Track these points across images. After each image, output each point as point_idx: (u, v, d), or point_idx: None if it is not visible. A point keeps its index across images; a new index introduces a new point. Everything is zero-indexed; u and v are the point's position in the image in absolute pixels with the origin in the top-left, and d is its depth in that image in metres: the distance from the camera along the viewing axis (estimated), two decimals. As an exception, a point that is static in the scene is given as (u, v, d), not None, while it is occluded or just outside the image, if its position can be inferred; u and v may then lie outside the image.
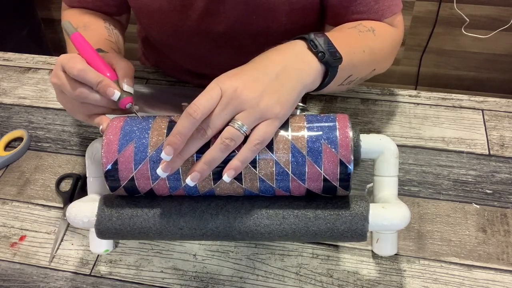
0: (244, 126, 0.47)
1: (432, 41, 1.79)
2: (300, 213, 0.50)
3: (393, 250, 0.56)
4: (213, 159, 0.47)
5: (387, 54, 0.69)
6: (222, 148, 0.47)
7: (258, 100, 0.47)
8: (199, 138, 0.47)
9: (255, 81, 0.48)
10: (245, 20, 0.72)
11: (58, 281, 0.62)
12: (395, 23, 0.70)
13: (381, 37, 0.66)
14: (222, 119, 0.47)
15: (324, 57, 0.52)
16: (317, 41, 0.53)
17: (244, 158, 0.47)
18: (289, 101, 0.50)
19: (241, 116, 0.47)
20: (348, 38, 0.62)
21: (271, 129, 0.48)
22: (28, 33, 1.85)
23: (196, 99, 0.47)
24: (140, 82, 0.89)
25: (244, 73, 0.50)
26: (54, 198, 0.71)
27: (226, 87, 0.47)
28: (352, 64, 0.59)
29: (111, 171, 0.50)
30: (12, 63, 0.95)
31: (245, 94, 0.47)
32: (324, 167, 0.48)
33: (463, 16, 1.69)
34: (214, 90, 0.47)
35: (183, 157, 0.48)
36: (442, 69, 1.89)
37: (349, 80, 0.63)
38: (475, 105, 0.82)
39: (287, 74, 0.51)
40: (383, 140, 0.54)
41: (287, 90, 0.50)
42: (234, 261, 0.63)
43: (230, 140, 0.47)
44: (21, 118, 0.84)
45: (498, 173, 0.71)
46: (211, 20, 0.73)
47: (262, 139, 0.47)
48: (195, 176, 0.47)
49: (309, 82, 0.52)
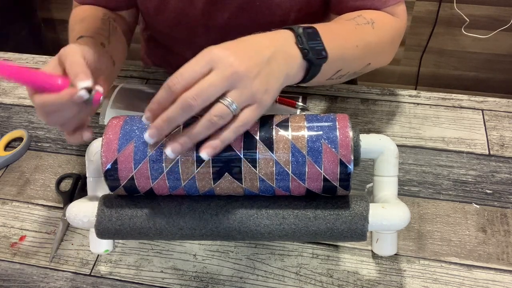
0: (234, 104, 0.45)
1: (432, 41, 1.79)
2: (300, 213, 0.50)
3: (393, 250, 0.56)
4: (198, 134, 0.46)
5: (386, 48, 0.68)
6: (209, 125, 0.45)
7: (252, 81, 0.46)
8: (188, 110, 0.45)
9: (250, 60, 0.47)
10: (249, 6, 0.72)
11: (58, 281, 0.62)
12: (398, 12, 0.69)
13: (381, 30, 0.65)
14: (217, 92, 0.45)
15: (308, 55, 0.52)
16: (304, 37, 0.52)
17: (226, 139, 0.46)
18: (275, 89, 0.49)
19: (233, 94, 0.45)
20: (342, 31, 0.61)
21: (255, 114, 0.47)
22: (28, 33, 1.85)
23: (184, 69, 0.45)
24: (141, 82, 0.89)
25: (238, 48, 0.48)
26: (54, 198, 0.71)
27: (220, 59, 0.46)
28: (342, 59, 0.59)
29: (111, 171, 0.50)
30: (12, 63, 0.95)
31: (242, 71, 0.46)
32: (324, 167, 0.48)
33: (463, 16, 1.69)
34: (204, 58, 0.46)
35: (171, 125, 0.46)
36: (442, 69, 1.89)
37: (340, 74, 0.62)
38: (475, 105, 0.82)
39: (276, 61, 0.49)
40: (383, 140, 0.54)
41: (276, 77, 0.49)
42: (234, 261, 0.63)
43: (219, 117, 0.45)
44: (21, 118, 0.84)
45: (498, 173, 0.71)
46: (215, 7, 0.73)
47: (247, 122, 0.46)
48: (175, 147, 0.46)
49: (292, 75, 0.52)
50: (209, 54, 0.46)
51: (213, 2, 0.73)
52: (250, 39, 0.50)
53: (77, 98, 0.49)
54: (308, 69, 0.53)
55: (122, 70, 0.91)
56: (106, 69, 0.59)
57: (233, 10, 0.73)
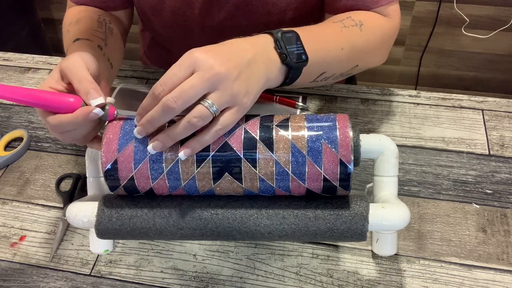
0: (214, 106, 0.46)
1: (432, 41, 1.79)
2: (300, 213, 0.50)
3: (393, 250, 0.56)
4: (177, 134, 0.47)
5: (375, 49, 0.68)
6: (189, 126, 0.46)
7: (233, 83, 0.47)
8: (169, 111, 0.46)
9: (230, 61, 0.48)
10: (245, 6, 0.72)
11: (58, 281, 0.62)
12: (390, 12, 0.69)
13: (369, 31, 0.65)
14: (197, 94, 0.46)
15: (286, 59, 0.53)
16: (282, 41, 0.53)
17: (205, 142, 0.47)
18: (255, 92, 0.50)
19: (213, 96, 0.46)
20: (326, 34, 0.62)
21: (235, 118, 0.48)
22: (28, 33, 1.85)
23: (167, 76, 0.47)
24: (140, 82, 0.89)
25: (219, 51, 0.49)
26: (54, 198, 0.71)
27: (201, 62, 0.46)
28: (326, 62, 0.59)
29: (111, 171, 0.50)
30: (12, 63, 0.95)
31: (222, 72, 0.46)
32: (324, 167, 0.48)
33: (463, 16, 1.69)
34: (186, 62, 0.47)
35: (154, 126, 0.48)
36: (442, 69, 1.89)
37: (325, 77, 0.62)
38: (475, 105, 0.82)
39: (256, 64, 0.50)
40: (383, 140, 0.54)
41: (256, 80, 0.50)
42: (234, 261, 0.63)
43: (198, 119, 0.46)
44: (21, 118, 0.84)
45: (498, 173, 0.71)
46: (212, 7, 0.73)
47: (225, 125, 0.47)
48: (157, 145, 0.48)
49: (272, 78, 0.53)
50: (190, 58, 0.47)
51: (210, 2, 0.73)
52: (231, 42, 0.51)
53: (93, 116, 0.50)
54: (288, 73, 0.54)
55: (122, 70, 0.91)
56: (105, 72, 0.59)
57: (229, 10, 0.73)
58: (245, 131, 0.49)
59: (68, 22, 0.71)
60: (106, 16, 0.74)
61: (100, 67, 0.56)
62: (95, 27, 0.68)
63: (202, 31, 0.78)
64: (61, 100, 0.50)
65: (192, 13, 0.75)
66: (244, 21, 0.74)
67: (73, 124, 0.50)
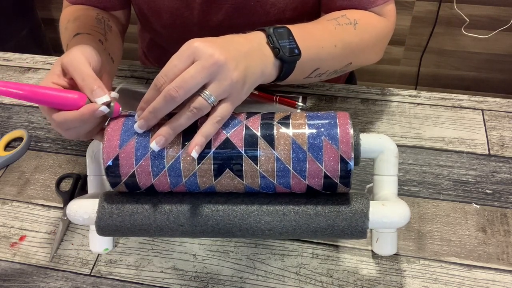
0: (212, 97, 0.47)
1: (432, 41, 1.79)
2: (301, 210, 0.51)
3: (393, 249, 0.56)
4: (179, 125, 0.48)
5: (369, 48, 0.69)
6: (190, 116, 0.47)
7: (232, 72, 0.48)
8: (172, 101, 0.47)
9: (229, 51, 0.49)
10: (244, 6, 0.72)
11: (58, 281, 0.62)
12: (386, 12, 0.69)
13: (363, 30, 0.66)
14: (198, 83, 0.47)
15: (279, 53, 0.53)
16: (274, 36, 0.54)
17: (208, 134, 0.48)
18: (251, 83, 0.51)
19: (212, 87, 0.47)
20: (319, 31, 0.62)
21: (231, 108, 0.49)
22: (28, 33, 1.85)
23: (168, 67, 0.47)
24: (140, 82, 0.89)
25: (217, 41, 0.50)
26: (54, 198, 0.71)
27: (201, 51, 0.47)
28: (319, 59, 0.60)
29: (112, 167, 0.50)
30: (12, 63, 0.95)
31: (222, 60, 0.47)
32: (324, 163, 0.48)
33: (463, 16, 1.69)
34: (186, 53, 0.47)
35: (156, 116, 0.49)
36: (442, 69, 1.89)
37: (318, 73, 0.63)
38: (475, 105, 0.82)
39: (251, 57, 0.51)
40: (383, 140, 0.54)
41: (252, 72, 0.51)
42: (234, 261, 0.63)
43: (198, 109, 0.47)
44: (21, 118, 0.84)
45: (498, 173, 0.71)
46: (210, 8, 0.73)
47: (223, 116, 0.48)
48: (160, 140, 0.48)
49: (267, 73, 0.53)
50: (189, 48, 0.48)
51: (208, 3, 0.72)
52: (227, 37, 0.52)
53: (99, 113, 0.50)
54: (281, 67, 0.55)
55: (122, 70, 0.91)
56: (107, 66, 0.59)
57: (228, 11, 0.73)
58: (246, 127, 0.49)
59: (65, 20, 0.71)
60: (104, 14, 0.74)
61: (102, 61, 0.56)
62: (94, 23, 0.68)
63: (200, 32, 0.78)
64: (66, 97, 0.50)
65: (190, 14, 0.75)
66: (243, 22, 0.74)
67: (79, 121, 0.51)
